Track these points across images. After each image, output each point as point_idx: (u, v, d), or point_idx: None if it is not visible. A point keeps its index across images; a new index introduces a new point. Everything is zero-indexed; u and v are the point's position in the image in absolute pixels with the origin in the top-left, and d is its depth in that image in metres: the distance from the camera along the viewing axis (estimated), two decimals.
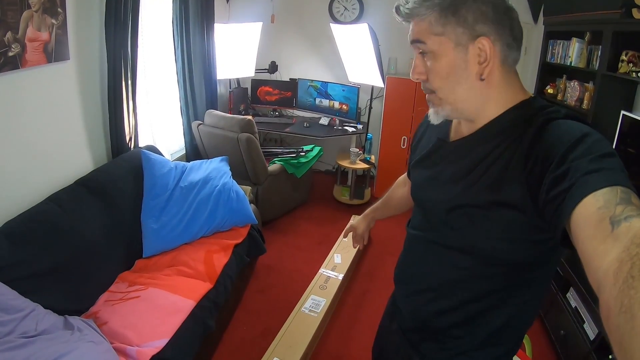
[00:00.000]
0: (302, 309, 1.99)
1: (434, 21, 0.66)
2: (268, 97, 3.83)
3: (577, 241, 0.50)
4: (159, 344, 1.40)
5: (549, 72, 2.79)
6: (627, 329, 0.36)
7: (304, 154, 3.22)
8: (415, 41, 0.69)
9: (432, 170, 0.80)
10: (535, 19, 3.42)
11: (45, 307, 1.36)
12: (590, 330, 1.71)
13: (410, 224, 0.90)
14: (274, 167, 2.96)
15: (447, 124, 0.80)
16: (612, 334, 0.39)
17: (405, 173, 1.08)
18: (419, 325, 0.87)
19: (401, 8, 0.68)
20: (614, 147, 1.95)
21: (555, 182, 0.55)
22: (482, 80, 0.67)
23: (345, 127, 3.55)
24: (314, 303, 2.04)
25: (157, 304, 1.58)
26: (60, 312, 1.40)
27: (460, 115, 0.74)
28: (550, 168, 0.57)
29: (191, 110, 3.00)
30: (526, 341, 1.53)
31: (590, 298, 1.71)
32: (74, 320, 1.40)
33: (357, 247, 1.29)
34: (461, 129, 0.76)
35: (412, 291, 0.87)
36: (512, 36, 0.66)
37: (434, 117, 0.75)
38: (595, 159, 0.53)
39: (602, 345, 1.58)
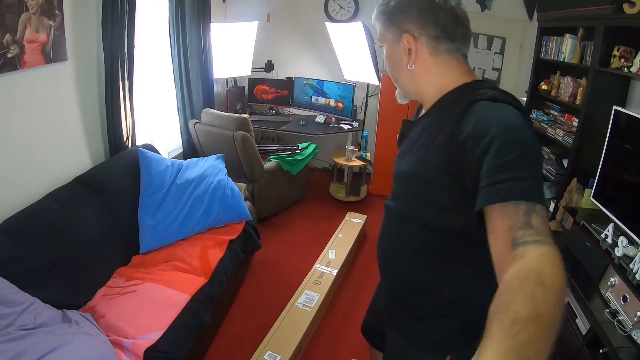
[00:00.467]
0: (296, 303, 2.02)
1: (382, 26, 0.85)
2: (265, 96, 3.86)
3: (489, 238, 0.61)
4: (154, 336, 1.43)
5: (543, 68, 2.81)
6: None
7: (299, 151, 3.25)
8: (379, 40, 0.89)
9: (400, 147, 0.93)
10: (530, 15, 3.43)
11: (44, 302, 1.39)
12: (582, 325, 1.73)
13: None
14: (269, 164, 2.99)
15: (420, 109, 0.92)
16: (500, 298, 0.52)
17: None
18: (389, 289, 0.98)
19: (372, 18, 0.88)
20: (607, 142, 1.96)
21: (472, 171, 0.64)
22: (411, 68, 0.81)
23: (341, 125, 3.57)
24: (308, 298, 2.07)
25: (152, 298, 1.61)
26: (58, 307, 1.44)
27: (409, 96, 0.90)
28: (466, 155, 0.65)
29: (188, 109, 3.03)
30: None
31: (583, 293, 1.72)
32: (72, 314, 1.44)
33: (352, 244, 1.33)
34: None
35: (383, 256, 0.98)
36: (439, 30, 0.78)
37: (399, 96, 0.94)
38: (505, 165, 0.60)
39: (594, 340, 1.60)
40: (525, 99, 3.01)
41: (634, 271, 1.57)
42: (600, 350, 1.52)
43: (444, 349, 0.87)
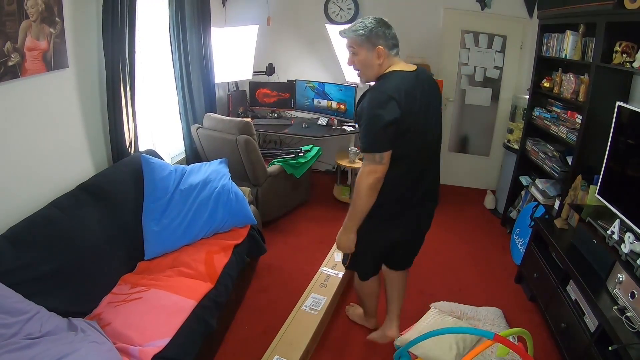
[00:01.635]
0: (303, 307, 2.01)
1: (359, 41, 1.46)
2: (266, 99, 3.87)
3: None
4: (161, 343, 1.42)
5: (545, 65, 2.80)
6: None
7: (302, 154, 3.25)
8: (350, 47, 1.50)
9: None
10: (531, 13, 3.43)
11: (49, 310, 1.38)
12: (591, 322, 1.71)
13: None
14: (273, 168, 2.98)
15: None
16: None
17: None
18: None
19: (344, 34, 1.50)
20: (611, 138, 1.95)
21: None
22: (379, 65, 1.47)
23: (344, 127, 3.57)
24: (315, 301, 2.05)
25: (158, 305, 1.60)
26: (64, 315, 1.43)
27: (368, 81, 1.55)
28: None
29: (190, 114, 3.03)
30: (527, 337, 1.53)
31: (590, 290, 1.71)
32: (78, 321, 1.43)
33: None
34: None
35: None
36: (391, 43, 1.48)
37: (360, 83, 1.62)
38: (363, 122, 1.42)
39: (603, 337, 1.58)
40: (527, 96, 3.00)
41: None
42: (610, 348, 1.50)
43: None
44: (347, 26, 1.50)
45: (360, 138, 1.42)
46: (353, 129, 3.55)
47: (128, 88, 2.15)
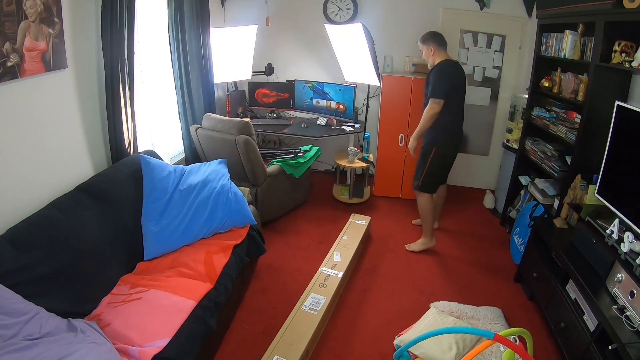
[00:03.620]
0: (303, 307, 2.01)
1: (420, 44, 2.70)
2: (265, 99, 3.87)
3: None
4: (161, 343, 1.42)
5: (544, 65, 2.80)
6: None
7: (301, 154, 3.25)
8: (421, 47, 2.71)
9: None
10: (529, 13, 3.43)
11: (49, 311, 1.38)
12: (590, 322, 1.71)
13: None
14: (272, 168, 2.98)
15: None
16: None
17: None
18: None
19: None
20: (610, 138, 1.96)
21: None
22: (433, 55, 2.63)
23: (343, 127, 3.57)
24: (314, 301, 2.06)
25: (158, 305, 1.60)
26: (63, 315, 1.43)
27: (431, 66, 2.65)
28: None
29: (189, 114, 3.03)
30: (527, 337, 1.53)
31: (590, 290, 1.71)
32: (77, 322, 1.43)
33: (357, 246, 2.32)
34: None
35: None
36: (439, 43, 2.62)
37: (429, 66, 2.70)
38: (432, 83, 2.58)
39: (603, 337, 1.59)
40: (526, 96, 3.00)
41: None
42: (609, 347, 1.51)
43: None
44: None
45: (430, 91, 2.55)
46: (352, 129, 3.55)
47: (127, 88, 2.15)
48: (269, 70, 3.85)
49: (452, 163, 2.79)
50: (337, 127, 3.57)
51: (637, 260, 1.61)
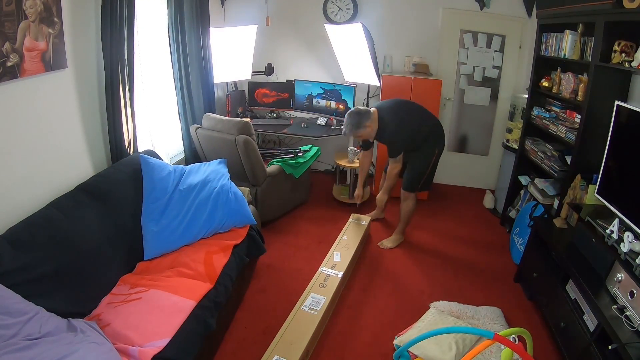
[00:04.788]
0: (302, 307, 2.01)
1: (360, 129, 2.62)
2: (265, 99, 3.87)
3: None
4: (161, 343, 1.42)
5: (544, 65, 2.80)
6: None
7: (301, 154, 3.25)
8: (358, 133, 2.68)
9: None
10: (529, 13, 3.43)
11: (49, 311, 1.38)
12: (590, 322, 1.71)
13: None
14: (272, 168, 2.98)
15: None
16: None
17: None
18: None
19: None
20: (610, 137, 1.97)
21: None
22: (372, 129, 2.62)
23: (343, 127, 3.56)
24: (314, 301, 2.06)
25: (158, 305, 1.60)
26: (63, 315, 1.43)
27: (375, 132, 2.69)
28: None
29: (189, 114, 3.03)
30: (527, 337, 1.53)
31: (590, 289, 1.71)
32: (77, 322, 1.43)
33: (357, 246, 2.29)
34: None
35: None
36: (365, 116, 2.59)
37: (373, 135, 2.71)
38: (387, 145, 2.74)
39: (602, 336, 1.59)
40: (526, 96, 3.00)
41: None
42: (609, 347, 1.50)
43: None
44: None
45: (388, 153, 2.75)
46: None
47: (127, 88, 2.15)
48: (269, 70, 3.85)
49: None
50: (337, 127, 3.57)
51: (637, 260, 1.61)
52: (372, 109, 2.63)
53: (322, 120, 3.72)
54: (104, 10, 1.94)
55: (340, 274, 2.30)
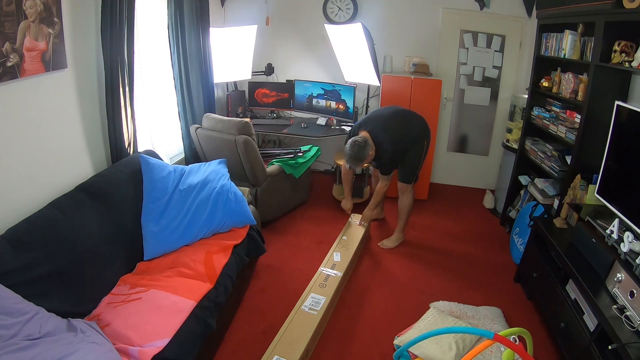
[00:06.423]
0: (302, 307, 2.01)
1: (363, 160, 2.58)
2: (265, 99, 3.86)
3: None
4: (161, 343, 1.42)
5: (544, 65, 2.80)
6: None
7: (301, 154, 3.25)
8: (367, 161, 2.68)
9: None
10: (529, 13, 3.43)
11: (49, 311, 1.38)
12: (590, 322, 1.71)
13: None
14: (272, 168, 2.98)
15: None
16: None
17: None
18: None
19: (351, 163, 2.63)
20: (610, 137, 1.97)
21: None
22: (372, 151, 2.59)
23: (343, 127, 3.57)
24: (314, 301, 2.05)
25: (158, 305, 1.60)
26: (63, 315, 1.43)
27: (375, 153, 2.67)
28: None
29: (189, 114, 3.03)
30: (527, 337, 1.53)
31: (590, 290, 1.71)
32: (77, 322, 1.43)
33: (357, 246, 1.97)
34: None
35: None
36: (363, 145, 2.53)
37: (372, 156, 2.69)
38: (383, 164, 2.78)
39: (602, 336, 1.58)
40: (526, 96, 3.00)
41: None
42: (609, 347, 1.50)
43: None
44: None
45: (380, 172, 2.82)
46: None
47: (127, 88, 2.15)
48: (269, 70, 3.85)
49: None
50: (337, 127, 3.57)
51: (637, 260, 1.61)
52: (364, 134, 2.58)
53: (322, 120, 3.72)
54: (104, 10, 1.94)
55: (340, 274, 2.30)
